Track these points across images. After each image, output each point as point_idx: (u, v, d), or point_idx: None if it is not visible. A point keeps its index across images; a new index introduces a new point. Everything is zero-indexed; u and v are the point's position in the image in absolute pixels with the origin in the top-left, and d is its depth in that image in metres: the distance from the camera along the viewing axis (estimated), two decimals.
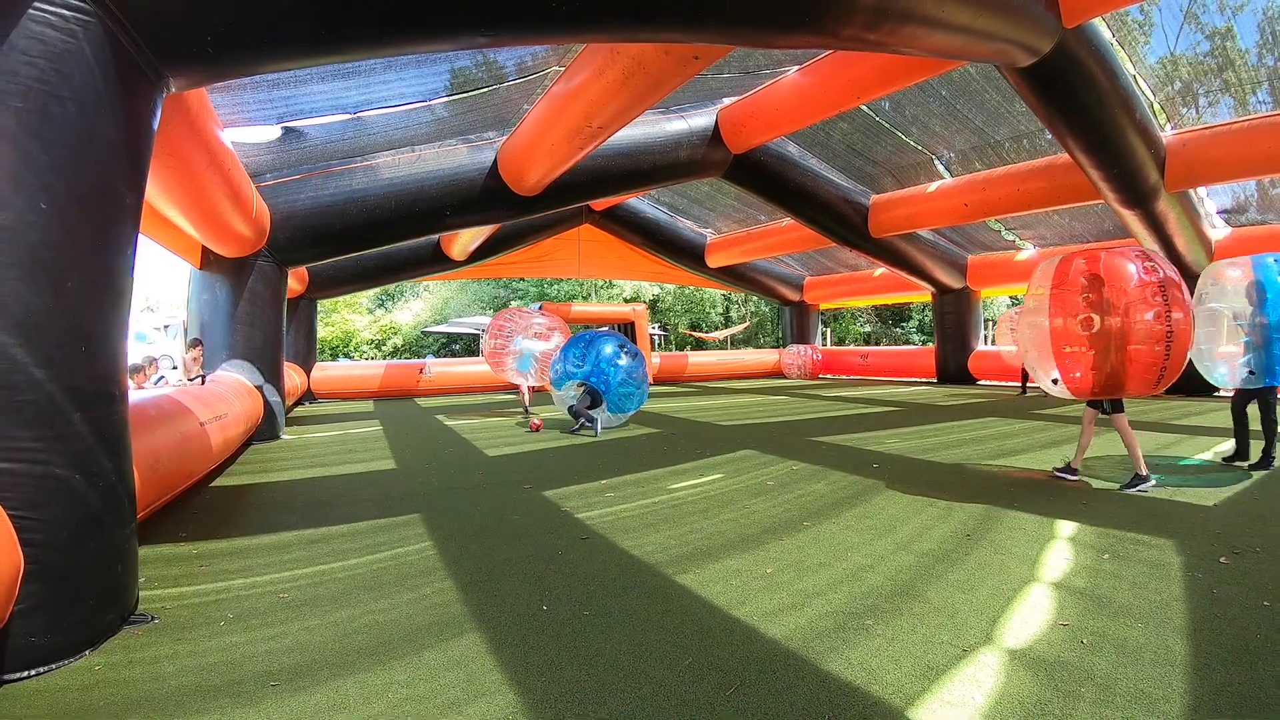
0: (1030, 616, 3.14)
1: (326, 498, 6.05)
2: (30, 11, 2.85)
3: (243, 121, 8.13)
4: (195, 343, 8.76)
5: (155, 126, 3.67)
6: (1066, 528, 4.60)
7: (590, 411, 10.06)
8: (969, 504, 5.32)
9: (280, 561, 4.23)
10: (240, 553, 4.44)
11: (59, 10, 2.92)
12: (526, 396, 13.11)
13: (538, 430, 10.50)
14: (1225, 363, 6.46)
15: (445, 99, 9.07)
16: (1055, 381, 5.96)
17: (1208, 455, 7.25)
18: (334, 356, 33.33)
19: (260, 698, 2.57)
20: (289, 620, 3.30)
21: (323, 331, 33.38)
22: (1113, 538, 4.34)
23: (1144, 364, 5.49)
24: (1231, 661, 2.67)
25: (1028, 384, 15.49)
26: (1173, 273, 5.57)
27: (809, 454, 7.81)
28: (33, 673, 2.77)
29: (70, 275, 2.99)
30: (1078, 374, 5.80)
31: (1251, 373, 6.31)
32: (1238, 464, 6.67)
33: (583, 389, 10.16)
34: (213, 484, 6.73)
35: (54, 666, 2.83)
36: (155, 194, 6.81)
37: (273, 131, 8.72)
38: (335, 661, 2.85)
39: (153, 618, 3.32)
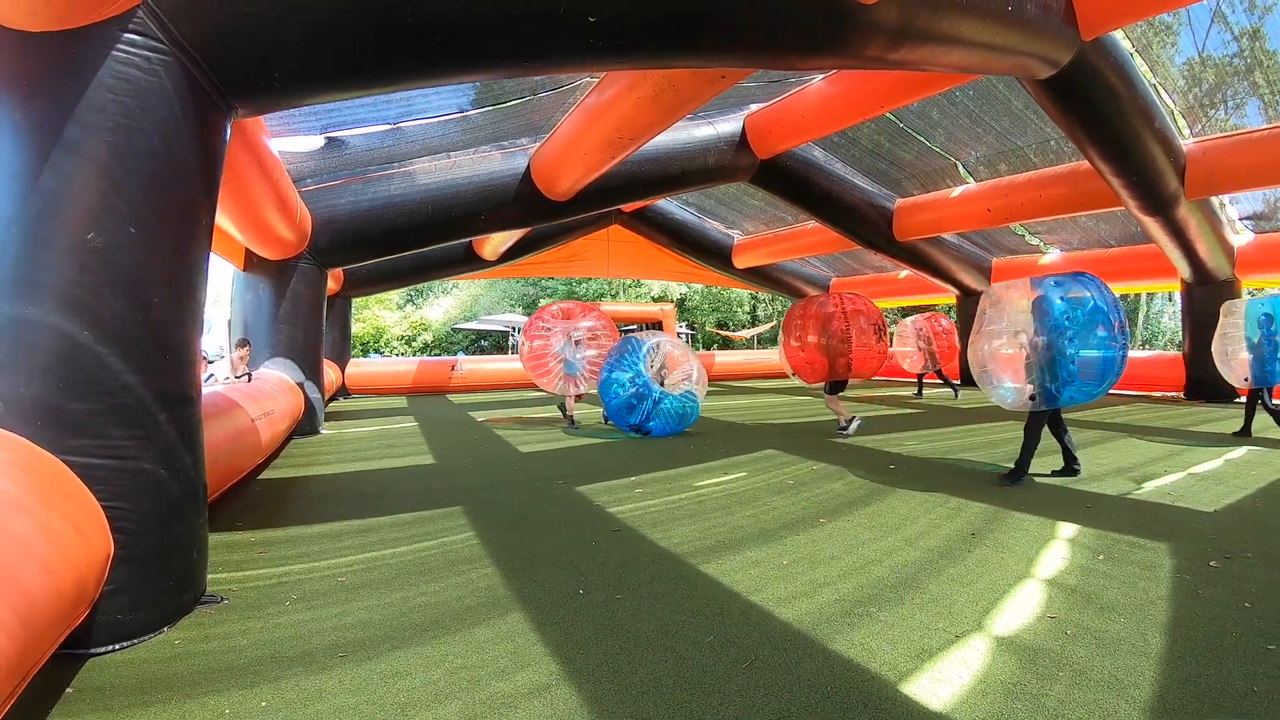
0: (1020, 609, 3.41)
1: (371, 490, 6.44)
2: (115, 53, 3.16)
3: (288, 132, 8.56)
4: (243, 342, 9.17)
5: (225, 151, 4.03)
6: (1067, 529, 4.83)
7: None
8: (977, 504, 5.58)
9: (334, 549, 4.61)
10: (295, 540, 4.83)
11: (142, 52, 3.23)
12: (571, 404, 11.60)
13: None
14: (1010, 379, 6.42)
15: (482, 110, 9.44)
16: (793, 374, 10.45)
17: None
18: (365, 352, 33.88)
19: (330, 666, 2.92)
20: (349, 601, 3.66)
21: (354, 327, 33.84)
22: (1110, 540, 4.57)
23: (839, 365, 9.78)
24: (1204, 656, 2.88)
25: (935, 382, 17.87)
26: (855, 308, 10.08)
27: (830, 454, 8.11)
28: (117, 646, 3.09)
29: (157, 292, 3.34)
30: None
31: (1032, 398, 6.25)
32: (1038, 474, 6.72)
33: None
34: (260, 477, 7.13)
35: (136, 641, 3.15)
36: None
37: (317, 141, 9.16)
38: (395, 636, 3.20)
39: (223, 598, 3.68)
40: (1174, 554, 4.26)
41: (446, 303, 39.50)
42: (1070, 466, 6.68)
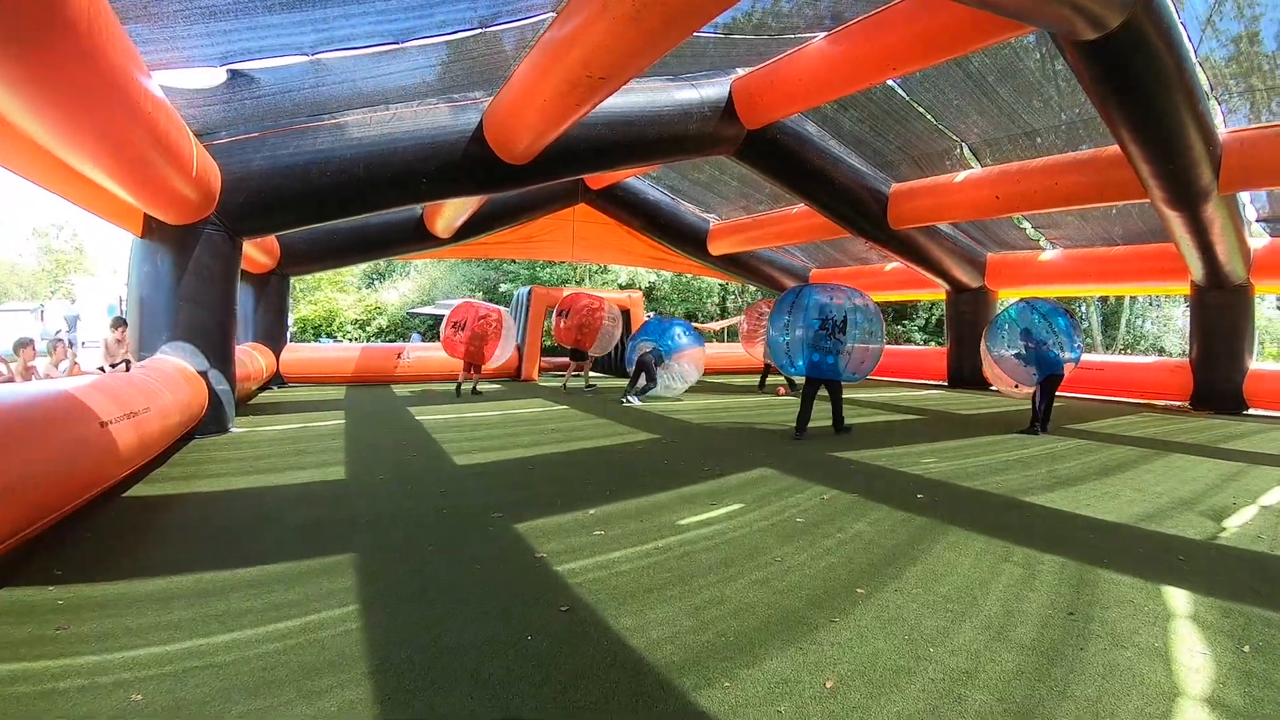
0: None
1: (249, 520, 4.96)
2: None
3: (180, 63, 6.88)
4: (119, 322, 7.58)
5: None
6: (1178, 598, 3.60)
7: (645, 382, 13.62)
8: (1049, 557, 4.26)
9: (155, 625, 3.13)
10: (112, 606, 3.36)
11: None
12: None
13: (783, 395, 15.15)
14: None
15: (420, 41, 7.76)
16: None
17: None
18: (316, 336, 32.19)
19: None
20: None
21: (306, 310, 32.38)
22: (1238, 615, 3.38)
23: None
24: None
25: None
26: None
27: (838, 476, 6.70)
28: None
29: None
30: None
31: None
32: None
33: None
34: (126, 493, 5.66)
35: None
36: (55, 142, 5.65)
37: (217, 75, 7.48)
38: None
39: None
40: None
41: (404, 286, 37.86)
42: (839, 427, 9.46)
